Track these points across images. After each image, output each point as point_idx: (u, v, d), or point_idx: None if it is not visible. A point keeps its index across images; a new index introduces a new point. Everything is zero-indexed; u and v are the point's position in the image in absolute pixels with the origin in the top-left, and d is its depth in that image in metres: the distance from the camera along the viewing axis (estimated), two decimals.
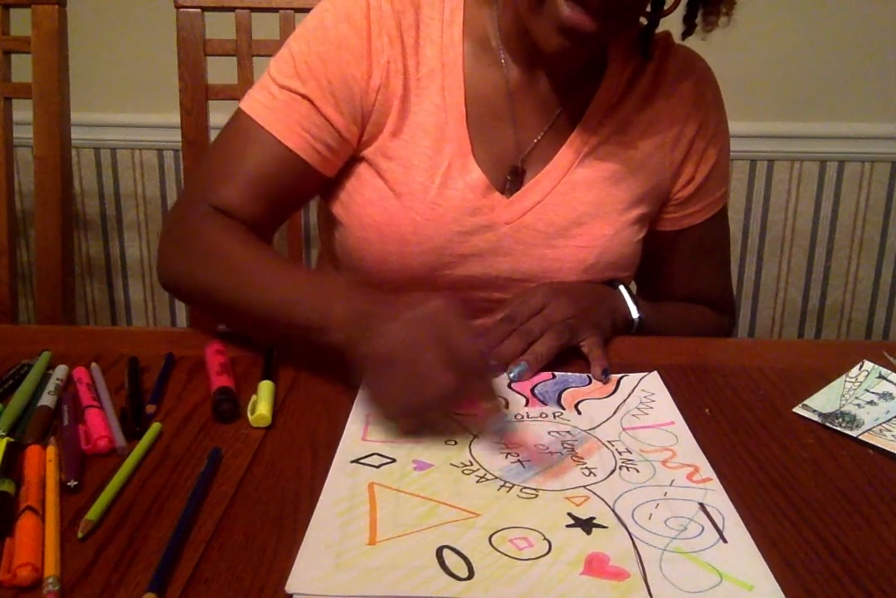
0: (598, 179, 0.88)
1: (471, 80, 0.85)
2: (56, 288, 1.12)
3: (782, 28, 1.71)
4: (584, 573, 0.46)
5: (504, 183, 0.87)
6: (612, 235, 0.88)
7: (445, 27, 0.85)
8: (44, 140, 1.10)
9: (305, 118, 0.82)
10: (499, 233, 0.86)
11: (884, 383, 0.71)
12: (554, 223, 0.87)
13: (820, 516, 0.53)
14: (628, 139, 0.89)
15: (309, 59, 0.82)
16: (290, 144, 0.82)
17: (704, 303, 1.00)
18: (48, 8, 1.08)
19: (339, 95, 0.83)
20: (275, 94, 0.83)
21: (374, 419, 0.64)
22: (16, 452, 0.56)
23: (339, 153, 0.85)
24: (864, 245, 1.89)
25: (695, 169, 0.92)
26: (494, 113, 0.87)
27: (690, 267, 0.98)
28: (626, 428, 0.64)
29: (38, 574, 0.45)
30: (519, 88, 0.87)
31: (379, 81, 0.83)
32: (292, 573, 0.45)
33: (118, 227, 1.91)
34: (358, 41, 0.82)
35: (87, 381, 0.68)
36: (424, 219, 0.84)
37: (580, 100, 0.89)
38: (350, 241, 0.88)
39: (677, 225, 0.95)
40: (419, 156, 0.84)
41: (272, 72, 0.84)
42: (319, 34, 0.83)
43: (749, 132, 1.74)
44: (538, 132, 0.88)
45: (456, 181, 0.84)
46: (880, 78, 1.76)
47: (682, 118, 0.90)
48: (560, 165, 0.87)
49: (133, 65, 1.76)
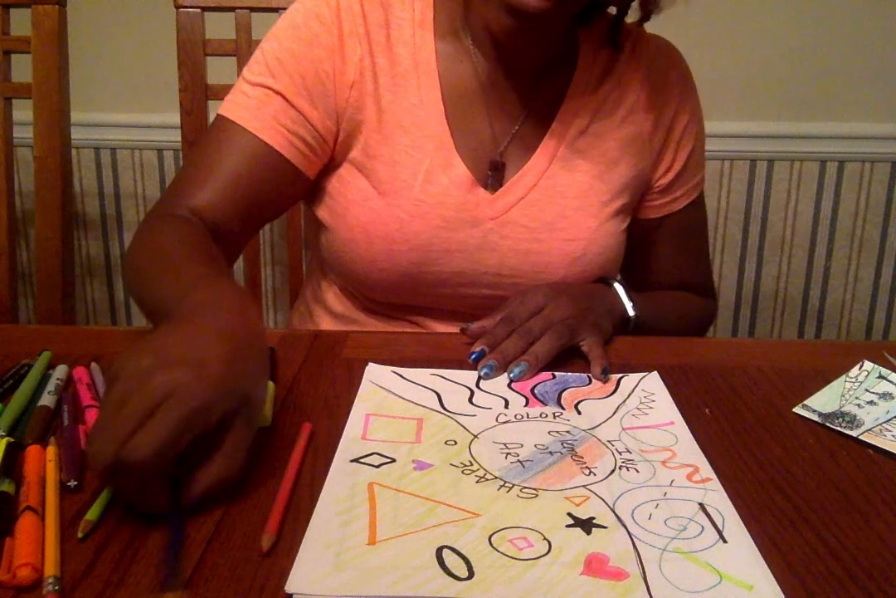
0: (580, 172, 0.88)
1: (445, 77, 0.86)
2: (56, 288, 1.12)
3: (782, 28, 1.70)
4: (583, 573, 0.46)
5: (486, 178, 0.87)
6: (597, 226, 0.88)
7: (416, 28, 0.86)
8: (44, 140, 1.10)
9: (281, 113, 0.82)
10: (484, 229, 0.87)
11: (884, 383, 0.71)
12: (539, 218, 0.87)
13: (820, 516, 0.53)
14: (605, 131, 0.89)
15: (280, 55, 0.83)
16: (267, 139, 0.82)
17: (688, 288, 1.01)
18: (48, 8, 1.08)
19: (312, 91, 0.83)
20: (247, 93, 0.83)
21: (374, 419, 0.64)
22: (16, 452, 0.56)
23: (317, 151, 0.85)
24: (864, 245, 1.88)
25: (673, 156, 0.94)
26: (470, 108, 0.87)
27: (673, 253, 1.00)
28: (626, 428, 0.64)
29: (38, 574, 0.44)
30: (490, 82, 0.88)
31: (352, 78, 0.83)
32: (292, 573, 0.45)
33: (118, 227, 1.91)
34: (329, 39, 0.83)
35: (87, 381, 0.68)
36: (409, 216, 0.84)
37: (554, 92, 0.89)
38: (337, 243, 0.88)
39: (659, 212, 0.97)
40: (400, 154, 0.84)
41: (244, 73, 0.85)
42: (290, 33, 0.84)
43: (749, 132, 1.74)
44: (513, 125, 0.88)
45: (439, 177, 0.85)
46: (880, 78, 1.76)
47: (659, 107, 0.91)
48: (540, 159, 0.88)
49: (133, 65, 1.76)
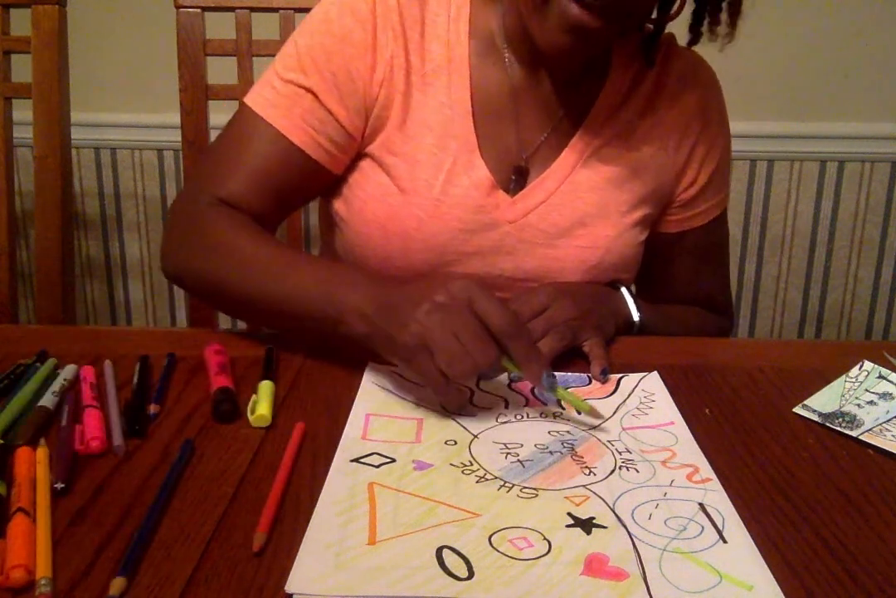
0: (601, 181, 0.88)
1: (476, 77, 0.85)
2: (56, 288, 1.11)
3: (782, 28, 1.71)
4: (583, 573, 0.46)
5: (508, 182, 0.87)
6: (615, 236, 0.88)
7: (452, 24, 0.85)
8: (44, 140, 1.10)
9: (309, 112, 0.82)
10: (502, 231, 0.86)
11: (884, 383, 0.71)
12: (557, 224, 0.87)
13: (820, 516, 0.53)
14: (631, 142, 0.89)
15: (313, 52, 0.82)
16: (295, 140, 0.82)
17: (704, 305, 1.00)
18: (48, 8, 1.08)
19: (342, 89, 0.83)
20: (278, 89, 0.83)
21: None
22: (6, 454, 0.56)
23: (345, 149, 0.85)
24: (864, 245, 1.89)
25: (697, 172, 0.92)
26: (498, 112, 0.87)
27: (691, 269, 0.98)
28: (626, 428, 0.64)
29: (31, 576, 0.44)
30: (522, 88, 0.87)
31: (382, 75, 0.83)
32: (292, 573, 0.45)
33: (118, 227, 1.91)
34: (362, 35, 0.82)
35: (91, 380, 0.68)
36: (428, 215, 0.84)
37: (583, 101, 0.89)
38: (352, 237, 0.87)
39: (680, 227, 0.95)
40: (423, 152, 0.84)
41: (276, 66, 0.84)
42: (324, 27, 0.83)
43: (749, 132, 1.74)
44: (541, 133, 0.88)
45: (461, 178, 0.84)
46: (880, 78, 1.76)
47: (686, 122, 0.91)
48: (563, 165, 0.87)
49: (133, 65, 1.76)
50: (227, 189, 0.82)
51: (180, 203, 0.85)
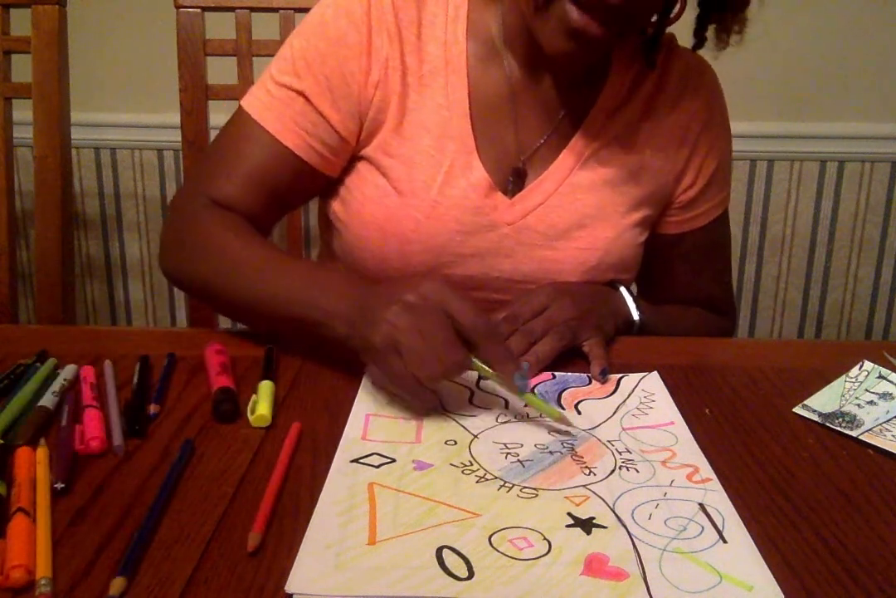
0: (600, 182, 0.87)
1: (474, 78, 0.85)
2: (56, 288, 1.11)
3: (782, 28, 1.71)
4: (583, 573, 0.46)
5: (506, 183, 0.87)
6: (614, 237, 0.88)
7: (449, 24, 0.85)
8: (44, 140, 1.10)
9: (301, 116, 0.83)
10: (500, 233, 0.86)
11: (884, 383, 0.71)
12: (555, 225, 0.86)
13: (820, 516, 0.53)
14: (630, 143, 0.89)
15: (307, 55, 0.83)
16: (288, 143, 0.82)
17: (705, 306, 1.00)
18: (48, 8, 1.08)
19: (336, 92, 0.83)
20: (272, 92, 0.83)
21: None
22: (6, 454, 0.56)
23: (338, 152, 0.85)
24: (864, 245, 1.89)
25: (697, 174, 0.92)
26: (496, 113, 0.86)
27: (692, 270, 0.98)
28: (626, 428, 0.64)
29: (31, 576, 0.44)
30: (521, 89, 0.87)
31: (378, 78, 0.83)
32: (292, 573, 0.45)
33: (118, 227, 1.91)
34: (357, 37, 0.82)
35: (92, 380, 0.68)
36: (425, 217, 0.84)
37: (582, 103, 0.88)
38: (350, 239, 0.88)
39: (680, 228, 0.95)
40: (420, 154, 0.84)
41: (272, 69, 0.85)
42: (319, 30, 0.83)
43: (749, 132, 1.74)
44: (540, 135, 0.88)
45: (458, 180, 0.84)
46: (880, 78, 1.76)
47: (686, 123, 0.90)
48: (562, 167, 0.87)
49: (133, 65, 1.76)
50: (221, 191, 0.83)
51: (175, 203, 0.87)
